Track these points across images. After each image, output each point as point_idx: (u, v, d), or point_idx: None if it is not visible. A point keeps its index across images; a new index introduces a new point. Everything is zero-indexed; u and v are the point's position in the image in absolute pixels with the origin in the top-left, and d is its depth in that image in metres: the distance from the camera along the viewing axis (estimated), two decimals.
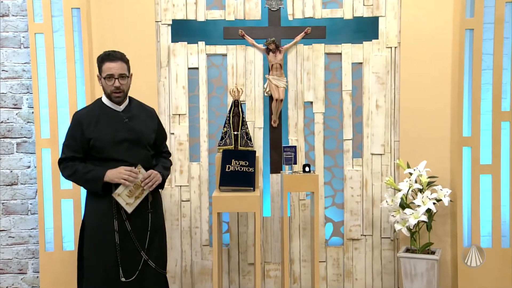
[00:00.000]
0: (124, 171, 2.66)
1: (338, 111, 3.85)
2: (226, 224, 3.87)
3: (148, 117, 2.91)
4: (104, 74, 2.72)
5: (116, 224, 2.70)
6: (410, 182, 3.45)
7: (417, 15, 3.66)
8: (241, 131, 3.52)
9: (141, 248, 2.75)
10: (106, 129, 2.74)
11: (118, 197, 2.68)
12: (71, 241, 3.66)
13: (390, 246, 3.84)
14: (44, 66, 3.58)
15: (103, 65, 2.73)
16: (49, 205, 3.59)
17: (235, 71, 3.79)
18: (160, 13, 3.74)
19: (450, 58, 3.66)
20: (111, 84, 2.71)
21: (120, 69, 2.73)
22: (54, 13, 3.61)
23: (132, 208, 2.70)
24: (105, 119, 2.76)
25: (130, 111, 2.83)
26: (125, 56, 2.80)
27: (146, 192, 2.74)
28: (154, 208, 2.83)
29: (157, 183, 2.78)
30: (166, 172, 2.91)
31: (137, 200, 2.71)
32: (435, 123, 3.68)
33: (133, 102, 2.91)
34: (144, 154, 2.82)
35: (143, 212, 2.78)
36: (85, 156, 2.77)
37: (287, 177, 3.36)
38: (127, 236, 2.73)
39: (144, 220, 2.79)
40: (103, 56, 2.75)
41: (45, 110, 3.59)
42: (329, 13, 3.78)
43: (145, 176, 2.72)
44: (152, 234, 2.81)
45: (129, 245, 2.74)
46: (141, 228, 2.78)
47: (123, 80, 2.75)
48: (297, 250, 3.86)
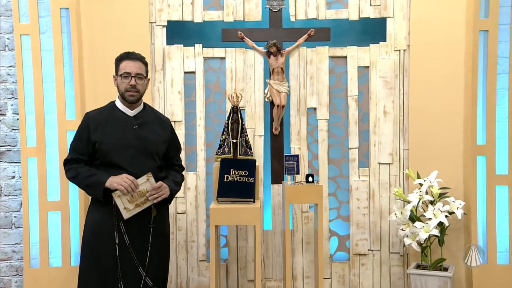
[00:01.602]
0: (125, 179, 2.64)
1: (343, 118, 3.84)
2: (224, 238, 3.85)
3: (160, 126, 2.90)
4: (121, 72, 2.75)
5: (117, 236, 2.69)
6: (421, 193, 3.41)
7: (428, 15, 3.63)
8: (241, 139, 3.50)
9: (139, 264, 2.73)
10: (113, 132, 2.74)
11: (118, 198, 2.66)
12: (58, 256, 3.60)
13: (399, 262, 3.80)
14: (30, 69, 3.56)
15: (121, 63, 2.77)
16: (35, 218, 3.55)
17: (234, 76, 3.78)
18: (154, 13, 3.73)
19: (463, 62, 3.62)
20: (127, 82, 2.73)
21: (138, 69, 2.77)
22: (41, 13, 3.58)
23: (129, 215, 2.67)
24: (114, 122, 2.77)
25: (142, 117, 2.83)
26: (145, 59, 2.85)
27: (148, 203, 2.72)
28: (157, 223, 2.81)
29: (163, 196, 2.77)
30: (176, 188, 2.91)
31: (137, 208, 2.69)
32: (447, 131, 3.65)
33: (147, 108, 2.92)
34: (149, 164, 2.78)
35: (144, 227, 2.76)
36: (90, 159, 2.78)
37: (289, 188, 3.34)
38: (126, 251, 2.71)
39: (145, 234, 2.76)
40: (122, 55, 2.80)
41: (31, 117, 3.56)
42: (334, 14, 3.77)
43: (153, 187, 2.71)
44: (153, 250, 2.79)
45: (128, 261, 2.72)
46: (140, 244, 2.75)
47: (139, 80, 2.77)
48: (299, 265, 3.83)
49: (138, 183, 2.68)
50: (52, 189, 3.54)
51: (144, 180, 2.71)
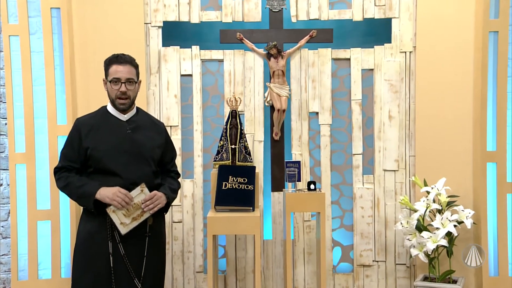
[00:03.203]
0: (119, 193, 2.61)
1: (346, 123, 3.85)
2: (223, 248, 3.85)
3: (155, 131, 2.88)
4: (110, 77, 2.71)
5: (111, 246, 2.65)
6: (428, 201, 3.39)
7: (435, 16, 3.63)
8: (239, 144, 3.48)
9: (135, 275, 2.69)
10: (105, 138, 2.71)
11: (113, 214, 2.62)
12: (48, 268, 3.58)
13: (405, 274, 3.80)
14: (19, 72, 3.56)
15: (110, 67, 2.72)
16: (24, 228, 3.54)
17: (232, 79, 3.78)
18: (149, 14, 3.72)
19: (472, 64, 3.63)
20: (117, 88, 2.70)
21: (128, 73, 2.72)
22: (31, 13, 3.58)
23: (127, 230, 2.64)
24: (106, 127, 2.74)
25: (136, 121, 2.81)
26: (135, 61, 2.79)
27: (146, 215, 2.69)
28: (153, 233, 2.78)
29: (159, 206, 2.73)
30: (172, 195, 2.87)
31: (134, 221, 2.66)
32: (455, 136, 3.65)
33: (140, 112, 2.89)
34: (145, 170, 2.75)
35: (140, 236, 2.72)
36: (82, 166, 2.74)
37: (290, 196, 3.33)
38: (120, 261, 2.67)
39: (141, 244, 2.73)
40: (111, 58, 2.75)
41: (20, 121, 3.56)
42: (337, 14, 3.77)
43: (147, 198, 2.68)
44: (149, 260, 2.75)
45: (122, 271, 2.68)
46: (136, 253, 2.72)
47: (130, 86, 2.73)
48: (301, 277, 3.81)
49: (133, 196, 2.65)
50: (41, 197, 3.51)
51: (138, 191, 2.67)
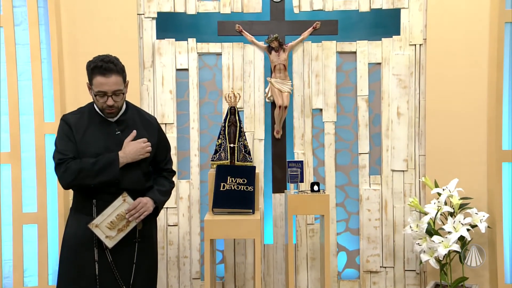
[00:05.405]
0: (144, 145, 2.63)
1: (352, 120, 3.81)
2: (221, 253, 3.81)
3: (146, 129, 2.79)
4: (95, 90, 2.57)
5: (96, 253, 2.59)
6: (439, 204, 3.35)
7: (447, 6, 3.60)
8: (239, 143, 3.45)
9: (123, 283, 2.63)
10: (93, 141, 2.63)
11: (96, 229, 2.56)
12: (34, 275, 3.54)
13: (415, 281, 3.75)
14: (3, 65, 3.52)
15: (94, 78, 2.57)
16: (8, 232, 3.52)
17: (231, 73, 3.74)
18: (143, 4, 3.68)
19: (487, 57, 3.58)
20: (103, 101, 2.58)
21: (114, 85, 2.56)
22: (15, 3, 3.55)
23: (114, 243, 2.61)
24: (94, 129, 2.66)
25: (125, 121, 2.72)
26: (119, 64, 2.62)
27: (132, 225, 2.64)
28: (143, 238, 2.72)
29: (145, 213, 2.65)
30: (161, 198, 2.77)
31: (121, 233, 2.62)
32: (468, 134, 3.61)
33: (130, 109, 2.78)
34: (136, 175, 2.68)
35: (128, 242, 2.65)
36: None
37: (293, 198, 3.30)
38: (107, 269, 2.62)
39: (129, 251, 2.67)
40: (93, 67, 2.56)
41: (4, 118, 3.53)
42: (342, 5, 3.73)
43: (130, 208, 2.60)
44: (138, 267, 2.69)
45: (110, 279, 2.62)
46: (125, 260, 2.66)
47: (117, 97, 2.60)
48: (304, 284, 3.77)
49: (115, 206, 2.59)
50: (28, 199, 3.48)
51: (120, 202, 2.60)
